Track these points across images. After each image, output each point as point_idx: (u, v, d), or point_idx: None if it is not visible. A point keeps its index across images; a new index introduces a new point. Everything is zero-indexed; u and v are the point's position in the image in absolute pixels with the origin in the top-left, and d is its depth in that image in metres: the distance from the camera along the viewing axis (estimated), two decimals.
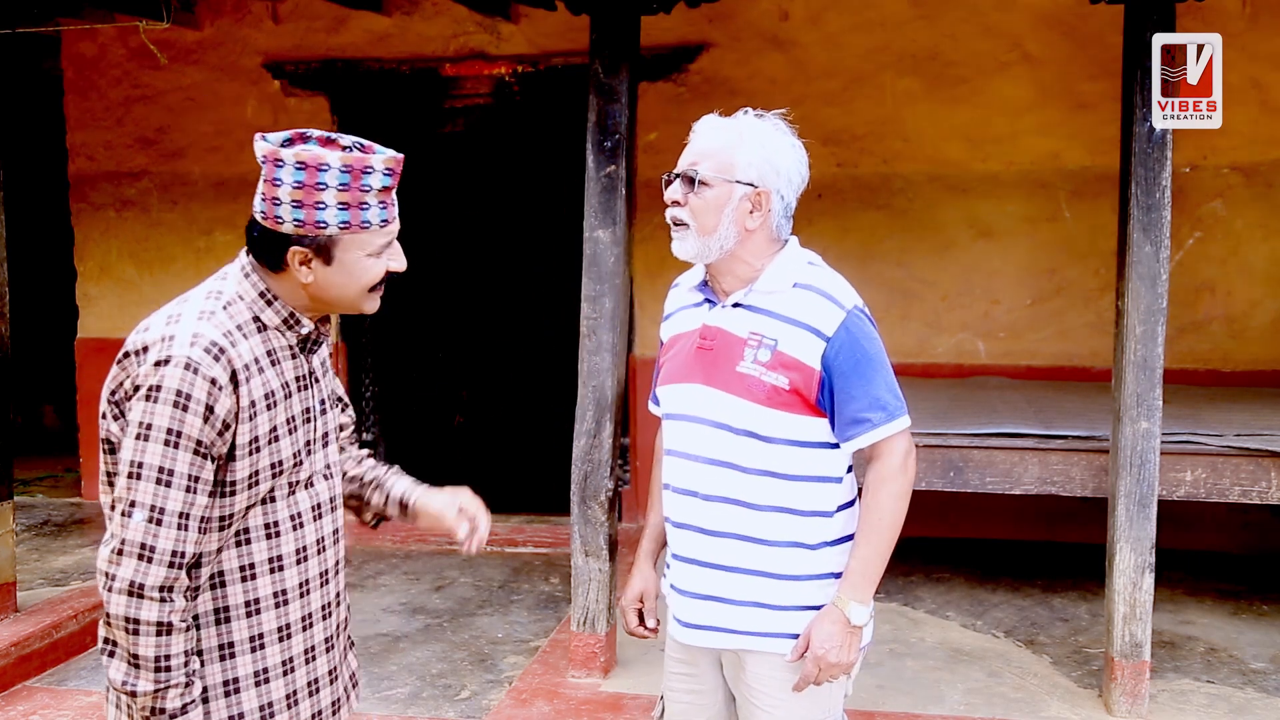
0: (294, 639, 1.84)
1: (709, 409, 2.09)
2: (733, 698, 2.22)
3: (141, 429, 1.66)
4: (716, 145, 2.10)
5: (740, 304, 2.11)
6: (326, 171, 1.69)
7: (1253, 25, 5.30)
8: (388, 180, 1.74)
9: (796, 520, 2.09)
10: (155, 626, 1.67)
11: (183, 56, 6.33)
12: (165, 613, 1.67)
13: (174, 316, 1.73)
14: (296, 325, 1.81)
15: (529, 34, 5.97)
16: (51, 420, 8.22)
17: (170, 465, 1.66)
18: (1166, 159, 3.61)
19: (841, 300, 2.07)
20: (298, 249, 1.72)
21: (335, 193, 1.69)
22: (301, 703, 1.86)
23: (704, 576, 2.12)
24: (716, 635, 2.14)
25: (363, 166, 1.71)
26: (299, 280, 1.76)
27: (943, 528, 5.67)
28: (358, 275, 1.77)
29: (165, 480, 1.66)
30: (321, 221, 1.70)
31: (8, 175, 4.55)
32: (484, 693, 4.02)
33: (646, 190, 4.97)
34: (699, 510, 2.11)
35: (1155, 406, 3.64)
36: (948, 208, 5.74)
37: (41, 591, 4.79)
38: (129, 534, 1.67)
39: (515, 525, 6.03)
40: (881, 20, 5.68)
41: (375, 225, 1.75)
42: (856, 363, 2.04)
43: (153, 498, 1.66)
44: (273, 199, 1.71)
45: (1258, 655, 4.25)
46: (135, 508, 1.67)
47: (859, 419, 2.05)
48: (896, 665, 4.14)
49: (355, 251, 1.75)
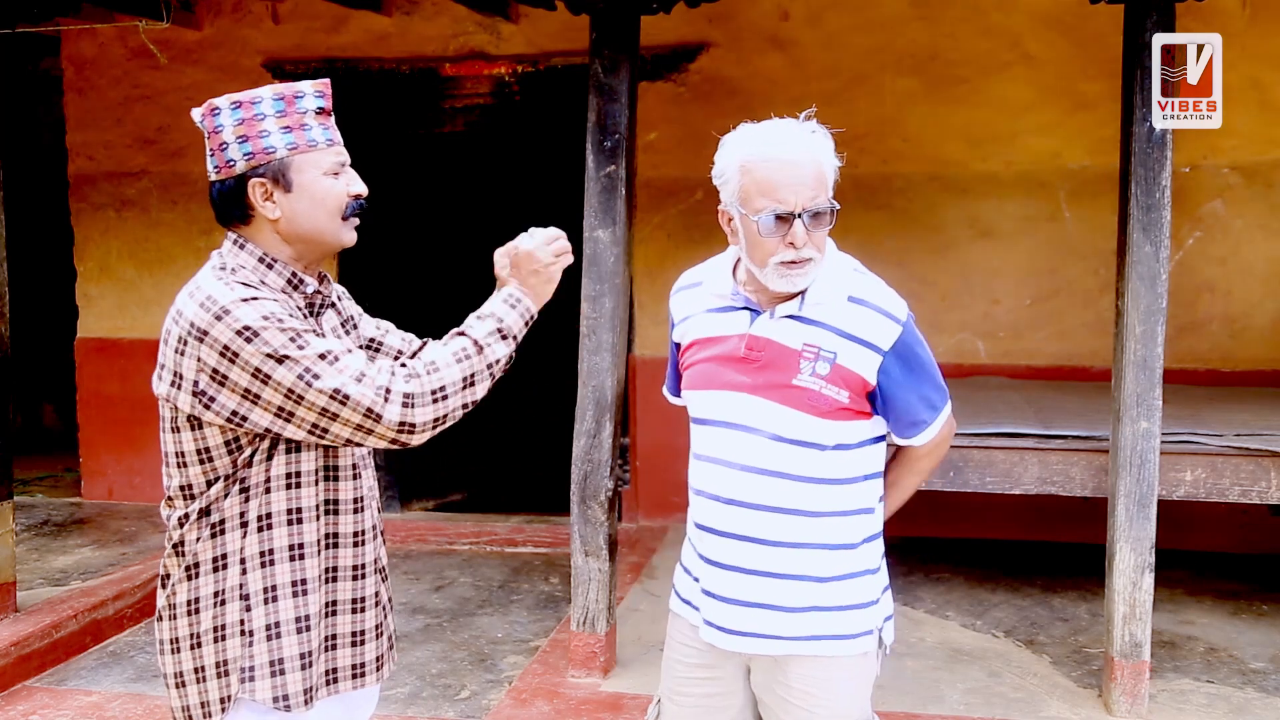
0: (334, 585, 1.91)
1: (760, 419, 2.06)
2: (752, 699, 2.20)
3: (263, 363, 1.70)
4: (819, 169, 2.02)
5: (792, 315, 2.08)
6: (261, 103, 1.82)
7: (1253, 25, 5.30)
8: (321, 102, 1.86)
9: (844, 521, 2.10)
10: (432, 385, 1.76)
11: (182, 56, 6.33)
12: (405, 379, 1.75)
13: (195, 290, 1.79)
14: (301, 285, 1.87)
15: (529, 34, 5.97)
16: (51, 420, 8.21)
17: (305, 362, 1.71)
18: (1166, 159, 3.61)
19: (896, 314, 2.08)
20: (256, 180, 1.80)
21: (274, 120, 1.81)
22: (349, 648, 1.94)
23: (749, 583, 2.09)
24: (762, 642, 2.11)
25: (294, 93, 1.84)
26: (268, 219, 1.82)
27: (943, 528, 5.67)
28: (320, 197, 1.83)
29: (329, 357, 1.72)
30: (269, 147, 1.80)
31: (8, 175, 4.55)
32: (484, 692, 4.02)
33: (646, 190, 4.98)
34: (745, 519, 2.08)
35: (1155, 406, 3.64)
36: (948, 208, 5.74)
37: (41, 591, 4.79)
38: (348, 411, 1.72)
39: (515, 525, 6.03)
40: (881, 20, 5.68)
41: (321, 144, 1.84)
42: (910, 371, 2.08)
43: (323, 382, 1.71)
44: (219, 145, 1.81)
45: (1257, 655, 4.25)
46: (323, 398, 1.71)
47: (915, 421, 2.13)
48: (896, 665, 4.13)
49: (310, 171, 1.83)
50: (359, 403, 1.72)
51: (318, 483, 1.86)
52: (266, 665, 1.83)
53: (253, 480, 1.81)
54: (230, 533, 1.82)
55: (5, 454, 4.41)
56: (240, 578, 1.82)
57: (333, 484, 1.88)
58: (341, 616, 1.93)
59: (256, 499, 1.81)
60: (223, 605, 1.83)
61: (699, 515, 2.17)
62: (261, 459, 1.81)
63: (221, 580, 1.82)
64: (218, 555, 1.82)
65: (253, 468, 1.80)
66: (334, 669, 1.94)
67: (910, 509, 2.17)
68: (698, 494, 2.17)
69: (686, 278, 2.30)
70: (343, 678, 1.95)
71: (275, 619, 1.83)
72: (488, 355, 1.84)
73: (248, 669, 1.83)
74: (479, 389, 1.83)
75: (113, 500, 6.56)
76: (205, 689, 1.84)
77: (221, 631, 1.83)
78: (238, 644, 1.83)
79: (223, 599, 1.83)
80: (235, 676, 1.83)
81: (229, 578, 1.82)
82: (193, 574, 1.83)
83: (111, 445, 6.55)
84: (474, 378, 1.82)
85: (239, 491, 1.81)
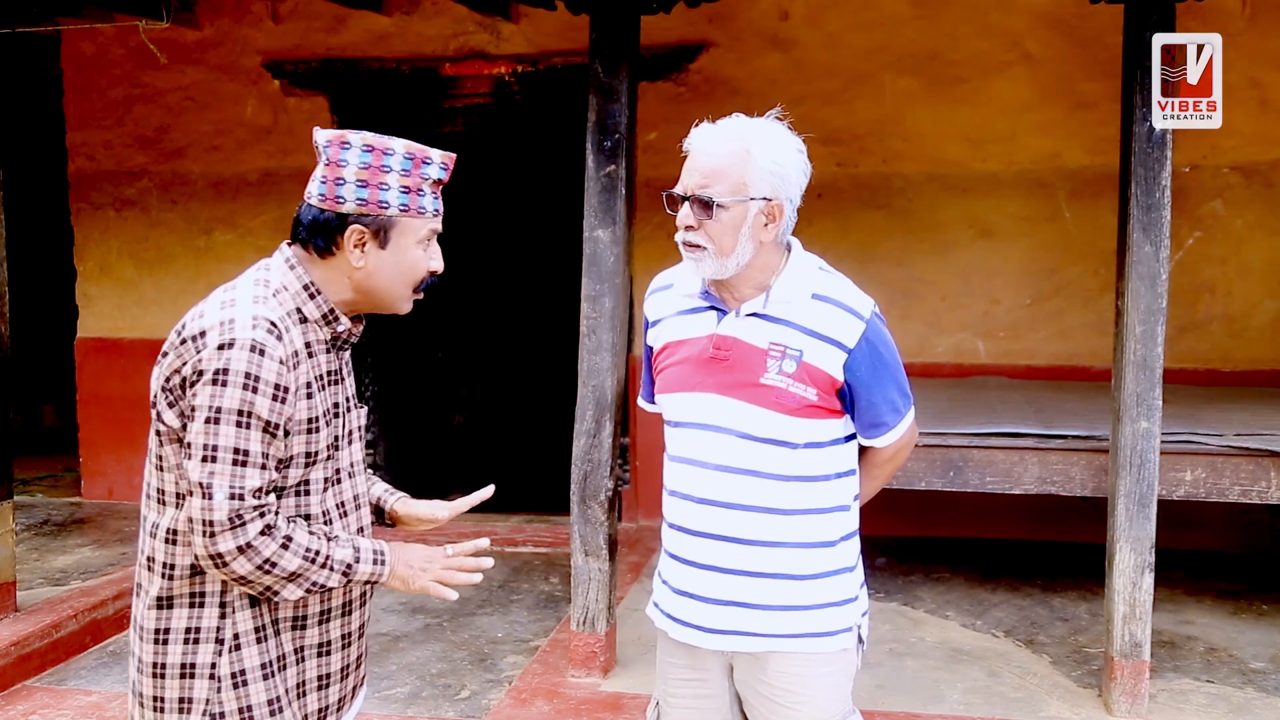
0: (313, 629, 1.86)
1: (728, 418, 2.08)
2: (738, 699, 2.22)
3: (212, 412, 1.69)
4: (725, 162, 2.04)
5: (756, 313, 2.10)
6: (391, 156, 1.80)
7: (1253, 25, 5.30)
8: (442, 174, 1.85)
9: (821, 519, 2.11)
10: (269, 554, 1.71)
11: (182, 56, 6.33)
12: (260, 530, 1.70)
13: (228, 301, 1.77)
14: (334, 322, 1.85)
15: (529, 34, 5.97)
16: (51, 420, 8.21)
17: (244, 445, 1.69)
18: (1166, 159, 3.61)
19: (860, 310, 2.09)
20: (357, 227, 1.80)
21: (398, 176, 1.80)
22: (309, 694, 1.88)
23: (724, 582, 2.11)
24: (740, 639, 2.12)
25: (423, 156, 1.83)
26: (349, 265, 1.82)
27: (943, 528, 5.67)
28: (407, 265, 1.85)
29: (240, 461, 1.69)
30: (384, 201, 1.80)
31: (8, 175, 4.55)
32: (484, 692, 4.02)
33: (646, 190, 4.96)
34: (720, 518, 2.10)
35: (1155, 406, 3.64)
36: (948, 208, 5.74)
37: (41, 591, 4.79)
38: (215, 514, 1.68)
39: (515, 525, 6.04)
40: (881, 20, 5.68)
41: (429, 213, 1.85)
42: (874, 370, 2.10)
43: (209, 467, 1.68)
44: (336, 179, 1.79)
45: (1257, 655, 4.25)
46: (197, 473, 1.69)
47: (878, 423, 2.16)
48: (896, 665, 4.14)
49: (408, 237, 1.83)
50: (211, 509, 1.68)
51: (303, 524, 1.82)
52: (235, 713, 1.77)
53: None
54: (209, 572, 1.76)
55: (5, 454, 4.41)
56: (218, 620, 1.77)
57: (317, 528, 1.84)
58: (331, 656, 1.90)
59: None
60: (195, 644, 1.77)
61: (674, 515, 2.19)
62: None
63: (196, 618, 1.77)
64: (196, 592, 1.78)
65: None
66: (324, 708, 1.91)
67: (911, 509, 2.18)
68: (672, 494, 2.19)
69: (658, 280, 2.32)
70: (330, 714, 1.93)
71: (242, 666, 1.78)
72: (321, 575, 1.78)
73: (217, 715, 1.77)
74: (292, 588, 1.76)
75: (113, 500, 6.57)
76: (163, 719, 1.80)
77: (190, 670, 1.77)
78: (204, 686, 1.77)
79: (195, 638, 1.77)
80: (198, 714, 1.77)
81: (205, 617, 1.77)
82: (163, 604, 1.78)
83: (111, 445, 6.55)
84: (297, 578, 1.75)
85: None
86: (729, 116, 2.11)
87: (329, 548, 1.79)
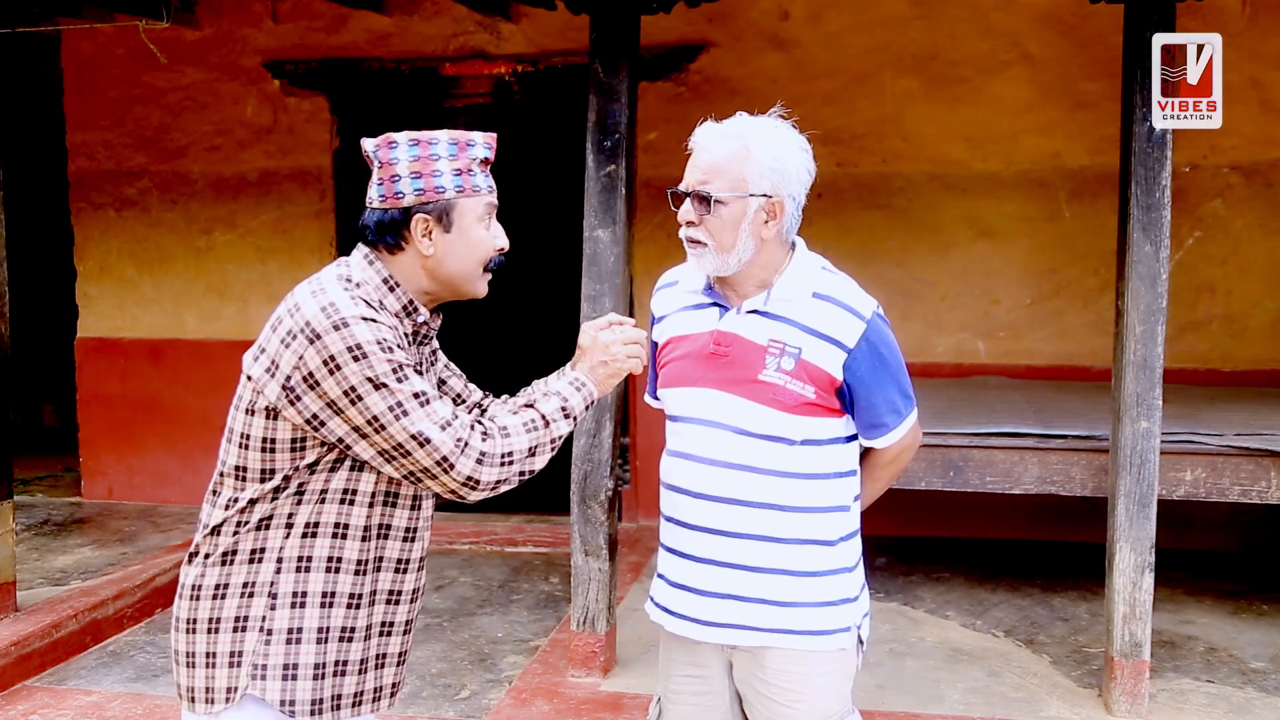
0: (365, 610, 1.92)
1: (726, 414, 2.10)
2: (738, 697, 2.22)
3: (371, 384, 1.77)
4: (725, 159, 2.06)
5: (757, 310, 2.11)
6: (437, 144, 1.90)
7: (1253, 25, 5.30)
8: (487, 152, 1.95)
9: (819, 517, 2.12)
10: (503, 449, 1.87)
11: (182, 56, 6.33)
12: (481, 438, 1.85)
13: (318, 289, 1.85)
14: (414, 313, 1.94)
15: (529, 33, 5.97)
16: (51, 420, 8.21)
17: (417, 388, 1.81)
18: (1166, 159, 3.61)
19: (861, 310, 2.10)
20: (420, 216, 1.89)
21: (448, 161, 1.90)
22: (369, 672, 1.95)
23: (722, 576, 2.12)
24: (735, 633, 2.13)
25: (466, 140, 1.93)
26: (420, 254, 1.91)
27: (943, 528, 5.67)
28: (474, 243, 1.94)
29: (424, 401, 1.81)
30: (440, 187, 1.89)
31: (8, 175, 4.55)
32: (484, 692, 4.02)
33: (646, 190, 4.97)
34: (716, 513, 2.11)
35: (1155, 406, 3.65)
36: (948, 207, 5.74)
37: (41, 591, 4.79)
38: (443, 449, 1.81)
39: (515, 525, 6.04)
40: (881, 20, 5.68)
41: (484, 190, 1.94)
42: (875, 370, 2.10)
43: (409, 420, 1.79)
44: (391, 177, 1.89)
45: (1257, 655, 4.25)
46: (403, 434, 1.79)
47: (878, 423, 2.16)
48: (896, 665, 4.14)
49: (468, 216, 1.92)
50: (437, 449, 1.80)
51: (374, 505, 1.90)
52: (280, 667, 1.85)
53: (311, 487, 1.85)
54: (274, 530, 1.85)
55: (5, 454, 4.41)
56: (274, 575, 1.85)
57: (390, 509, 1.92)
58: (374, 639, 1.95)
59: (309, 505, 1.85)
60: (250, 598, 1.86)
61: (670, 509, 2.20)
62: (324, 470, 1.85)
63: (254, 573, 1.85)
64: (256, 548, 1.85)
65: (315, 476, 1.85)
66: (360, 692, 1.94)
67: (911, 509, 2.19)
68: (669, 488, 2.20)
69: (666, 277, 2.35)
70: (366, 700, 1.96)
71: (298, 624, 1.86)
72: (553, 430, 1.95)
73: (260, 666, 1.84)
74: (539, 460, 1.93)
75: (113, 500, 6.56)
76: (213, 675, 1.86)
77: (242, 623, 1.85)
78: (255, 639, 1.85)
79: (250, 591, 1.86)
80: (246, 670, 1.84)
81: (262, 572, 1.85)
82: (227, 560, 1.86)
83: (111, 445, 6.55)
84: (537, 449, 1.92)
85: (294, 494, 1.85)
86: (733, 115, 2.13)
87: (538, 410, 1.96)
